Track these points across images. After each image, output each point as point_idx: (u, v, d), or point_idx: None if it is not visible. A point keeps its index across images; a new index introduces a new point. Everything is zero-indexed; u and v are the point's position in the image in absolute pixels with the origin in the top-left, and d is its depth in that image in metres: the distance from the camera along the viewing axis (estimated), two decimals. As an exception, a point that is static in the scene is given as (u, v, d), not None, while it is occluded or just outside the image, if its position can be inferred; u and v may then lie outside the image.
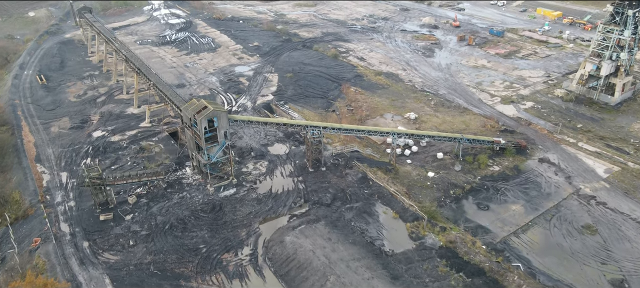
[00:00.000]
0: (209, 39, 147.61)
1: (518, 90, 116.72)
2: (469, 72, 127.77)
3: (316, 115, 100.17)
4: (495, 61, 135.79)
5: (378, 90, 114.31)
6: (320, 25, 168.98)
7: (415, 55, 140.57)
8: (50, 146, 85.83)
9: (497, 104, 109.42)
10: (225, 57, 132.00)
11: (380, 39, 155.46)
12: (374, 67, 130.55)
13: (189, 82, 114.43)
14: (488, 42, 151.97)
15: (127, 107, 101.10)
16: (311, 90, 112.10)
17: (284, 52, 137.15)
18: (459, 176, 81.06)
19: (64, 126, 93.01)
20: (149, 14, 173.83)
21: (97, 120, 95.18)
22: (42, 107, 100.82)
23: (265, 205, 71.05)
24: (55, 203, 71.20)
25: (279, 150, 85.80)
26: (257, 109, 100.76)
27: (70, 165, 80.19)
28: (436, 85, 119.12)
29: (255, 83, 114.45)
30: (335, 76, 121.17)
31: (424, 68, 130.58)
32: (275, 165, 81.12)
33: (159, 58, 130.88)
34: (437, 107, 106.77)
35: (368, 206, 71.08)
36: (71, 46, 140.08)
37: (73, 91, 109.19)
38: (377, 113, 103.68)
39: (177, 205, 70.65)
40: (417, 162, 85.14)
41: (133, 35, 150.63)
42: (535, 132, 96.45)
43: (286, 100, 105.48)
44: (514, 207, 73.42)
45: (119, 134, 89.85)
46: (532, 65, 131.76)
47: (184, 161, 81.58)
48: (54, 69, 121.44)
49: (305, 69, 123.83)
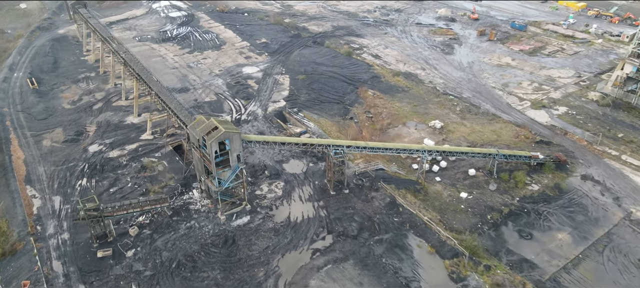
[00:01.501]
0: (213, 35, 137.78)
1: (548, 92, 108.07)
2: (493, 72, 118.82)
3: (333, 124, 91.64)
4: (520, 59, 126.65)
5: (398, 94, 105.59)
6: (330, 18, 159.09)
7: (433, 52, 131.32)
8: (42, 163, 77.40)
9: (527, 109, 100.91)
10: (231, 56, 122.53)
11: (395, 33, 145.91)
12: (390, 66, 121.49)
13: (193, 86, 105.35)
14: (510, 37, 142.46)
15: (126, 115, 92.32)
16: (326, 94, 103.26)
17: (294, 50, 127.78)
18: (495, 197, 73.12)
19: (57, 139, 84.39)
20: (147, 6, 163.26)
21: (94, 131, 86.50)
22: (33, 116, 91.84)
23: (284, 237, 63.00)
24: (47, 236, 63.06)
25: (295, 167, 77.45)
26: (269, 118, 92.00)
27: (64, 188, 71.89)
28: (459, 87, 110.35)
29: (265, 86, 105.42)
30: (350, 77, 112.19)
31: (444, 67, 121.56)
32: (293, 187, 72.87)
33: (160, 57, 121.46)
34: (463, 113, 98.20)
35: (400, 238, 63.11)
36: (65, 43, 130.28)
37: (67, 96, 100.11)
38: (399, 121, 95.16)
39: (184, 238, 62.60)
40: (447, 180, 77.08)
41: (131, 31, 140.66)
42: (573, 142, 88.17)
43: (300, 107, 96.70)
44: (560, 236, 65.77)
45: (118, 149, 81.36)
46: (561, 64, 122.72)
47: (190, 182, 73.32)
48: (46, 71, 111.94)
49: (318, 69, 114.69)
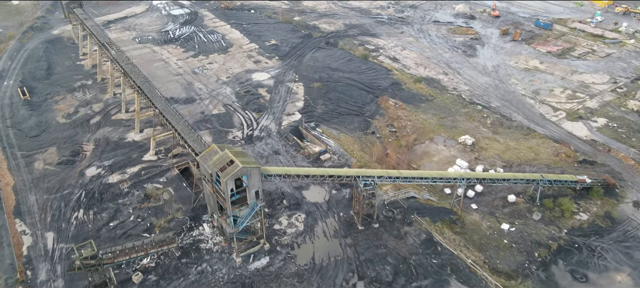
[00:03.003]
0: (218, 35, 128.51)
1: (583, 101, 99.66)
2: (522, 77, 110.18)
3: (354, 141, 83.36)
4: (548, 62, 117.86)
5: (421, 104, 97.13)
6: (342, 15, 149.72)
7: (454, 53, 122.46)
8: (34, 191, 69.28)
9: (563, 121, 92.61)
10: (239, 60, 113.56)
11: (412, 32, 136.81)
12: (410, 70, 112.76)
13: (199, 95, 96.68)
14: (536, 36, 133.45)
15: (127, 131, 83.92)
16: (344, 105, 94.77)
17: (306, 52, 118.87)
18: (541, 229, 65.33)
19: (50, 160, 76.14)
20: (148, 3, 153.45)
21: (91, 151, 78.24)
22: (24, 132, 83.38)
23: (309, 284, 55.22)
24: (39, 283, 55.23)
25: (316, 195, 69.29)
26: (284, 134, 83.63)
27: (58, 221, 63.86)
28: (486, 95, 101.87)
29: (277, 96, 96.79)
30: (369, 84, 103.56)
31: (468, 71, 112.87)
32: (315, 219, 64.85)
33: (162, 61, 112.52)
34: (494, 126, 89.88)
35: (441, 285, 55.36)
36: (60, 45, 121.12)
37: (62, 108, 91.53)
38: (426, 136, 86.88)
39: (195, 286, 54.77)
40: (484, 207, 69.17)
41: (131, 31, 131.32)
42: (618, 161, 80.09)
43: (317, 121, 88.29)
44: (619, 278, 58.30)
45: (119, 172, 73.15)
46: (593, 68, 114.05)
47: (200, 213, 65.33)
48: (39, 78, 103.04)
49: (333, 75, 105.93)
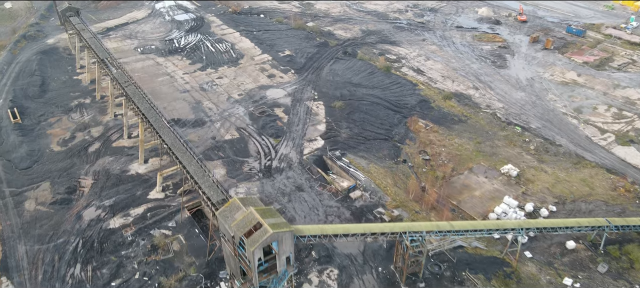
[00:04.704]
0: (227, 44, 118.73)
1: (632, 121, 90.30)
2: (560, 92, 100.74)
3: (386, 173, 74.07)
4: (586, 74, 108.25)
5: (455, 126, 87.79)
6: (358, 20, 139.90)
7: (483, 64, 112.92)
8: (23, 239, 60.14)
9: (613, 145, 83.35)
10: (251, 74, 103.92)
11: (435, 40, 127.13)
12: (437, 84, 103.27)
13: (209, 117, 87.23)
14: (569, 44, 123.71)
15: (129, 161, 74.63)
16: (370, 128, 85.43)
17: (323, 64, 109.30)
18: (609, 284, 56.32)
19: (43, 199, 66.90)
20: (150, 6, 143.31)
21: (90, 187, 68.99)
22: (14, 163, 74.03)
23: None
24: None
25: (350, 245, 59.93)
26: (307, 166, 74.25)
27: (51, 280, 54.77)
28: (524, 114, 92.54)
29: (296, 117, 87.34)
30: (395, 102, 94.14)
31: (500, 85, 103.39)
32: (350, 276, 55.73)
33: (167, 75, 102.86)
34: (539, 153, 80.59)
35: None
36: (55, 57, 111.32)
37: (57, 133, 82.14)
38: (464, 165, 77.65)
39: None
40: (540, 256, 60.24)
41: (132, 39, 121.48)
42: (685, 196, 71.11)
43: (342, 148, 78.95)
44: None
45: (121, 214, 63.95)
46: (637, 81, 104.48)
47: (217, 267, 56.30)
48: (32, 96, 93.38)
49: (356, 92, 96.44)
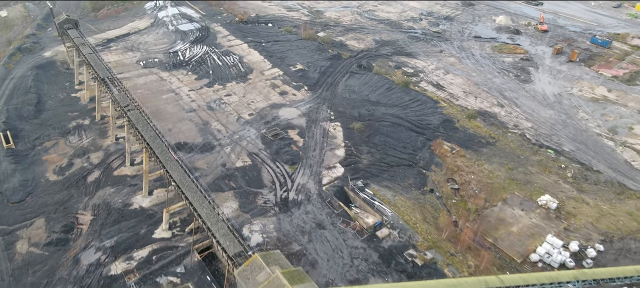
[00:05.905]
0: (234, 57, 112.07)
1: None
2: (591, 110, 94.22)
3: (414, 206, 67.44)
4: (617, 89, 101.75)
5: (482, 149, 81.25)
6: (371, 30, 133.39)
7: (506, 78, 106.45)
8: (14, 289, 53.65)
9: (656, 170, 77.03)
10: (262, 91, 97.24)
11: (453, 51, 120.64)
12: (459, 101, 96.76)
13: (218, 140, 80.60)
14: (595, 56, 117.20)
15: (132, 193, 67.99)
16: (392, 153, 78.86)
17: (337, 79, 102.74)
18: (674, 340, 49.85)
19: (37, 238, 60.29)
20: (152, 15, 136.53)
21: (88, 223, 62.38)
22: (6, 195, 67.22)
23: None
24: None
25: (381, 294, 53.64)
26: (327, 198, 67.58)
27: (45, 340, 48.32)
28: (555, 134, 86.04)
29: (312, 141, 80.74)
30: (417, 122, 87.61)
31: (526, 102, 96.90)
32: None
33: (172, 92, 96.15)
34: (578, 182, 73.98)
35: None
36: (52, 71, 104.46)
37: (53, 160, 75.47)
38: (497, 195, 71.04)
39: None
40: (593, 305, 53.48)
41: (134, 52, 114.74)
42: None
43: (363, 176, 72.37)
44: None
45: (123, 257, 57.39)
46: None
47: (231, 324, 49.83)
48: (26, 116, 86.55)
49: (375, 111, 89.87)
